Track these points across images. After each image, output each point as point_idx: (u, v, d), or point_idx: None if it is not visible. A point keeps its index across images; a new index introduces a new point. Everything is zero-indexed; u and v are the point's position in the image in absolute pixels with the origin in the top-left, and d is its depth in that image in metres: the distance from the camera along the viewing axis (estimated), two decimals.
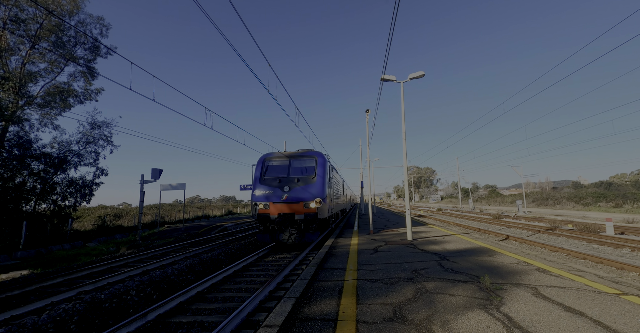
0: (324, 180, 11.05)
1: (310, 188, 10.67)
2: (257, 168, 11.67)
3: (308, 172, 11.25)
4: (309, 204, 10.39)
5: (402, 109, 10.80)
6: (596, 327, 3.19)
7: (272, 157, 11.89)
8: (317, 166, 11.39)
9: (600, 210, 36.01)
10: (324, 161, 11.63)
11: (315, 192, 10.61)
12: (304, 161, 11.58)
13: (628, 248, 11.40)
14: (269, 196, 10.61)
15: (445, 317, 3.48)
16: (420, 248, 8.50)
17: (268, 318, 3.51)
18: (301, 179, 10.96)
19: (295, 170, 11.35)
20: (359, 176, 26.26)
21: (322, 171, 11.22)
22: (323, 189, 10.81)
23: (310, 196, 10.47)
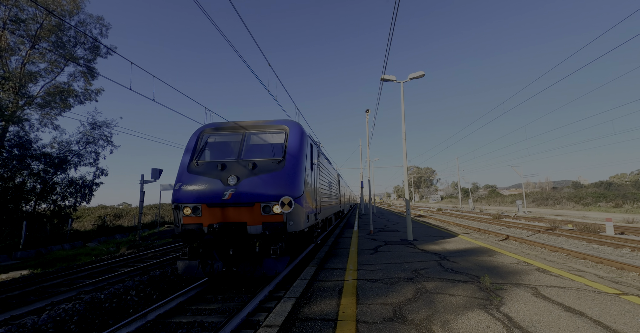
0: (299, 167, 6.33)
1: (276, 179, 6.02)
2: (188, 146, 6.90)
3: (273, 153, 6.57)
4: (271, 207, 5.81)
5: (402, 109, 10.80)
6: (596, 327, 3.19)
7: (214, 129, 7.16)
8: (290, 144, 6.56)
9: (600, 210, 36.01)
10: (301, 137, 6.77)
11: (284, 186, 5.94)
12: (267, 135, 6.90)
13: (628, 248, 11.39)
14: (202, 195, 5.96)
15: (445, 317, 3.48)
16: (420, 248, 8.50)
17: (268, 318, 3.51)
18: (260, 166, 6.19)
19: (252, 150, 6.67)
20: (359, 176, 26.29)
21: (297, 152, 6.49)
22: (297, 181, 6.16)
23: (274, 194, 5.84)
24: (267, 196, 5.76)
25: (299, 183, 6.14)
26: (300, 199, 6.04)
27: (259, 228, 5.76)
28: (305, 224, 6.39)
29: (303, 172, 6.37)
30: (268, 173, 6.02)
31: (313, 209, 7.29)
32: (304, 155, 6.61)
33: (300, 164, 6.36)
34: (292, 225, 5.81)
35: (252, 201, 5.76)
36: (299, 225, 5.99)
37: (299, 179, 6.17)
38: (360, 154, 19.76)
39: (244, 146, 6.65)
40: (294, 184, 6.00)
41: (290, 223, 5.80)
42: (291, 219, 5.81)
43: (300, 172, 6.25)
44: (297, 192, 5.97)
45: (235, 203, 5.78)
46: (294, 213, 5.83)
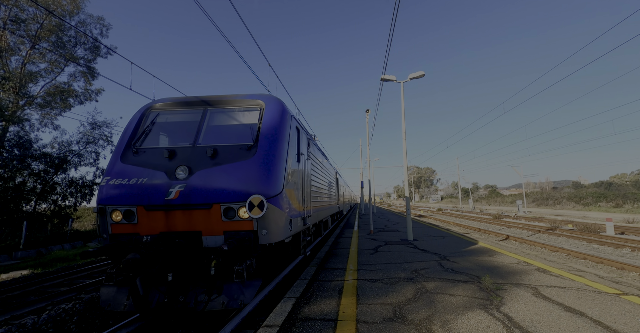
0: (278, 155, 4.79)
1: (244, 171, 4.48)
2: (126, 128, 5.34)
3: (241, 136, 4.97)
4: (236, 210, 4.32)
5: (402, 109, 10.80)
6: (596, 327, 3.19)
7: (165, 105, 5.56)
8: (265, 124, 5.03)
9: (600, 210, 35.99)
10: (281, 117, 5.23)
11: (255, 181, 4.42)
12: (236, 113, 5.36)
13: (628, 248, 11.39)
14: (138, 193, 4.44)
15: (446, 317, 3.48)
16: (421, 248, 8.50)
17: (268, 318, 3.51)
18: (223, 153, 4.70)
19: (214, 132, 5.12)
20: (359, 176, 26.32)
21: (275, 136, 4.94)
22: (274, 174, 4.61)
23: (240, 192, 4.34)
24: (231, 194, 4.19)
25: (277, 176, 4.53)
26: (278, 199, 4.43)
27: (218, 239, 4.16)
28: (287, 232, 4.75)
29: (283, 162, 4.76)
30: (233, 163, 4.42)
31: (300, 212, 5.69)
32: (284, 140, 4.94)
33: (279, 152, 4.72)
34: (266, 234, 4.25)
35: (209, 202, 4.17)
36: (277, 234, 4.40)
37: (277, 172, 4.55)
38: (360, 154, 19.77)
39: (204, 127, 5.02)
40: (268, 178, 4.40)
41: (264, 232, 4.22)
42: (265, 226, 4.24)
43: (278, 162, 4.64)
44: (272, 189, 4.39)
45: (185, 205, 4.17)
46: (269, 218, 4.27)
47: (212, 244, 4.21)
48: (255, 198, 4.16)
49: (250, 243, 4.22)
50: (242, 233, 4.25)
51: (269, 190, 4.38)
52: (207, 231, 4.25)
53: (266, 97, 5.44)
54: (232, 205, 4.24)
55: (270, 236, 4.36)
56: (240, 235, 4.25)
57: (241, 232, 4.25)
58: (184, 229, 4.26)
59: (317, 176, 8.40)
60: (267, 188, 4.37)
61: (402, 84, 10.72)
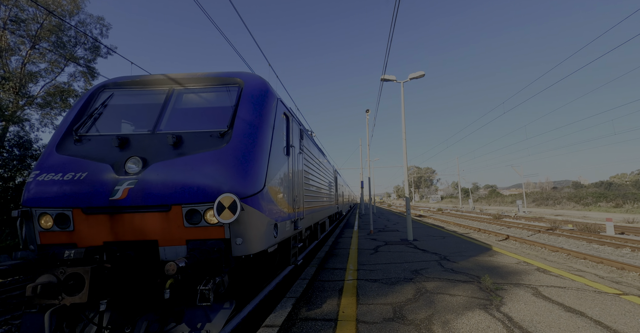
0: (259, 144, 3.90)
1: (214, 163, 3.57)
2: (70, 112, 4.45)
3: (213, 121, 4.09)
4: (202, 213, 3.41)
5: (402, 109, 10.80)
6: (596, 327, 3.19)
7: (120, 84, 4.70)
8: (243, 107, 4.12)
9: (600, 210, 36.00)
10: (264, 99, 4.37)
11: (227, 175, 3.52)
12: (208, 94, 4.57)
13: (628, 248, 11.39)
14: (75, 192, 3.49)
15: (446, 317, 3.49)
16: (421, 248, 8.50)
17: (268, 318, 3.51)
18: (189, 141, 3.81)
19: (180, 117, 4.25)
20: (359, 176, 26.35)
21: (255, 121, 4.05)
22: (253, 167, 3.72)
23: (207, 188, 3.42)
24: (196, 192, 3.36)
25: (256, 170, 3.65)
26: (258, 199, 3.59)
27: (180, 250, 3.35)
28: (270, 240, 3.88)
29: (265, 153, 3.89)
30: (200, 153, 3.57)
31: (289, 214, 4.85)
32: (267, 127, 4.06)
33: (260, 140, 3.85)
34: (242, 244, 3.39)
35: (167, 203, 3.33)
36: (256, 242, 3.55)
37: (256, 165, 3.67)
38: (360, 154, 19.77)
39: (168, 109, 4.12)
40: (244, 172, 3.53)
41: (238, 240, 3.37)
42: (240, 233, 3.39)
43: (258, 152, 3.76)
44: (250, 186, 3.52)
45: (136, 207, 3.34)
46: (246, 222, 3.40)
47: (172, 256, 3.33)
48: (226, 198, 3.19)
49: (221, 256, 3.29)
50: (210, 242, 3.34)
51: (246, 187, 3.47)
52: (165, 240, 3.35)
53: (246, 75, 4.48)
54: (198, 207, 3.32)
55: (248, 245, 3.42)
56: (207, 245, 3.33)
57: (209, 241, 3.34)
58: (135, 238, 3.37)
59: (312, 174, 7.54)
60: (243, 185, 3.46)
61: (402, 84, 10.72)
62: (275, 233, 4.12)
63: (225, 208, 3.21)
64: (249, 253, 3.47)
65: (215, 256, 3.29)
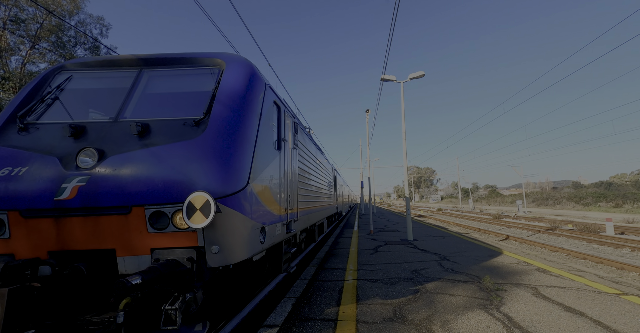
0: (240, 133, 3.32)
1: (185, 155, 3.00)
2: (17, 96, 3.79)
3: (186, 108, 3.49)
4: (169, 216, 2.82)
5: (402, 109, 10.81)
6: (596, 327, 3.19)
7: (82, 65, 4.08)
8: (224, 91, 3.51)
9: (600, 210, 36.02)
10: (249, 83, 3.76)
11: (202, 169, 2.94)
12: (182, 77, 3.91)
13: (628, 248, 11.40)
14: (11, 189, 2.84)
15: (446, 317, 3.49)
16: (421, 248, 8.50)
17: (269, 318, 3.51)
18: (157, 130, 3.22)
19: (149, 103, 3.64)
20: (359, 176, 26.37)
21: (238, 107, 3.45)
22: (232, 160, 3.12)
23: (175, 186, 2.84)
24: (162, 191, 2.82)
25: (237, 164, 3.13)
26: (240, 199, 3.05)
27: (144, 261, 2.81)
28: (255, 246, 3.33)
29: (250, 145, 3.36)
30: (170, 144, 3.05)
31: (280, 215, 4.31)
32: (252, 115, 3.54)
33: (243, 130, 3.34)
34: (219, 252, 2.85)
35: (126, 204, 2.80)
36: (237, 250, 3.00)
37: (239, 158, 3.16)
38: (360, 154, 19.79)
39: (135, 94, 3.58)
40: (223, 165, 3.02)
41: (214, 248, 2.83)
42: (217, 240, 2.85)
43: (241, 144, 3.24)
44: (230, 183, 3.00)
45: (87, 208, 2.79)
46: (224, 227, 2.88)
47: (134, 268, 2.78)
48: (198, 197, 2.63)
49: (192, 267, 2.76)
50: (180, 251, 2.81)
51: (224, 185, 2.93)
52: (124, 249, 2.81)
53: (228, 56, 3.93)
54: (164, 208, 2.78)
55: (226, 254, 2.87)
56: (176, 254, 2.80)
57: (179, 250, 2.81)
58: (88, 246, 2.80)
59: (308, 171, 6.98)
60: (221, 182, 2.92)
61: (402, 84, 10.73)
62: (262, 238, 3.56)
63: (197, 209, 2.63)
64: (227, 263, 2.91)
65: (185, 267, 2.73)
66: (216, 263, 2.85)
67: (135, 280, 2.22)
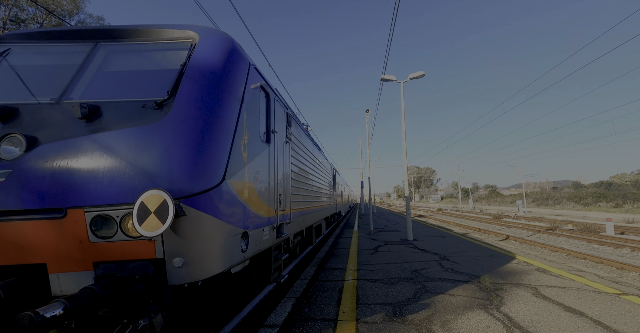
0: (213, 117, 2.73)
1: (139, 143, 2.43)
2: None
3: (147, 89, 2.87)
4: (117, 220, 2.26)
5: (402, 109, 10.81)
6: (596, 327, 3.20)
7: (24, 37, 3.37)
8: (194, 67, 2.88)
9: (600, 210, 36.03)
10: (226, 58, 3.12)
11: (161, 162, 2.39)
12: (146, 52, 3.27)
13: (628, 248, 11.40)
14: None
15: (446, 317, 3.49)
16: (421, 248, 8.51)
17: (269, 317, 3.51)
18: (109, 114, 2.61)
19: (103, 82, 3.01)
20: (359, 176, 26.40)
21: (209, 87, 2.83)
22: (202, 149, 2.55)
23: (129, 182, 2.30)
24: (108, 188, 2.31)
25: (210, 155, 2.60)
26: (212, 198, 2.53)
27: (84, 278, 2.27)
28: (234, 256, 2.81)
29: (227, 133, 2.83)
30: (122, 130, 2.52)
31: (270, 217, 3.87)
32: (231, 98, 3.01)
33: (218, 114, 2.79)
34: (184, 266, 2.33)
35: (60, 206, 2.27)
36: (208, 262, 2.47)
37: (211, 148, 2.63)
38: (360, 154, 19.80)
39: (87, 72, 3.00)
40: (190, 156, 2.49)
41: (177, 262, 2.31)
42: (181, 250, 2.34)
43: (214, 130, 2.70)
44: (199, 178, 2.47)
45: (7, 211, 2.27)
46: (190, 233, 2.36)
47: (71, 288, 2.22)
48: (152, 197, 2.13)
49: (147, 286, 2.23)
50: (133, 265, 2.27)
51: (190, 181, 2.39)
52: (58, 263, 2.24)
53: (203, 29, 3.33)
54: (110, 211, 2.25)
55: (193, 268, 2.35)
56: (128, 269, 2.26)
57: (130, 264, 2.27)
58: (9, 261, 2.24)
59: (303, 169, 6.43)
60: (186, 177, 2.39)
61: (402, 84, 10.73)
62: (244, 246, 3.04)
63: (151, 212, 2.11)
64: (194, 279, 2.36)
65: (137, 287, 2.20)
66: (179, 279, 2.32)
67: (52, 311, 1.66)
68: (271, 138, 4.13)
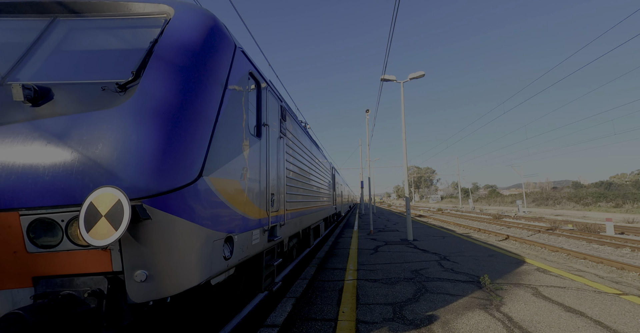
0: (187, 101, 2.32)
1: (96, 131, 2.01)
2: None
3: (111, 69, 2.47)
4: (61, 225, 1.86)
5: (402, 109, 10.81)
6: (596, 327, 3.20)
7: None
8: (163, 46, 2.47)
9: (600, 210, 36.03)
10: (205, 36, 2.72)
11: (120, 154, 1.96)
12: (112, 29, 2.80)
13: (628, 248, 11.40)
14: None
15: (446, 317, 3.49)
16: (421, 247, 8.51)
17: (269, 317, 3.51)
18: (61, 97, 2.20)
19: (57, 61, 2.54)
20: (359, 176, 26.42)
21: (183, 67, 2.43)
22: (172, 138, 2.12)
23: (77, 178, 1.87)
24: (50, 186, 1.89)
25: (183, 145, 2.20)
26: (184, 198, 2.13)
27: (20, 297, 1.86)
28: (215, 265, 2.43)
29: (206, 122, 2.46)
30: (74, 115, 2.11)
31: (260, 219, 3.54)
32: (212, 82, 2.64)
33: (194, 98, 2.42)
34: (148, 280, 1.92)
35: None
36: (180, 274, 2.07)
37: (184, 136, 2.23)
38: (360, 154, 19.79)
39: (39, 50, 2.61)
40: (156, 146, 2.07)
41: (139, 275, 1.90)
42: (144, 261, 1.92)
43: (189, 116, 2.33)
44: (167, 173, 2.06)
45: None
46: (155, 241, 1.94)
47: (4, 310, 1.84)
48: (103, 197, 1.77)
49: (99, 307, 1.89)
50: (82, 280, 1.92)
51: (156, 177, 2.00)
52: None
53: (179, 4, 2.93)
54: (53, 213, 1.87)
55: (160, 282, 1.97)
56: (77, 285, 1.92)
57: (80, 279, 1.92)
58: None
59: (300, 167, 6.07)
60: (150, 172, 1.99)
61: (402, 84, 10.73)
62: (228, 252, 2.67)
63: (102, 216, 1.75)
64: (162, 295, 1.97)
65: (87, 307, 1.85)
66: (142, 296, 1.92)
67: None
68: (263, 132, 3.77)
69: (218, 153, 2.56)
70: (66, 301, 1.78)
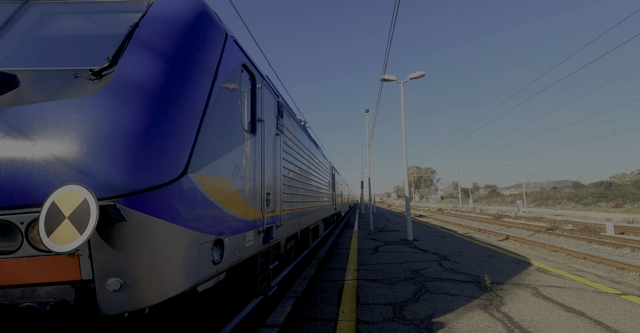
0: (170, 91, 2.13)
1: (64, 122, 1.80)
2: None
3: (86, 56, 2.27)
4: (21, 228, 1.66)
5: (402, 109, 10.81)
6: (596, 327, 3.20)
7: None
8: (143, 30, 2.30)
9: (600, 210, 36.03)
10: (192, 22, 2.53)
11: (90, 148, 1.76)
12: (89, 14, 2.61)
13: (628, 248, 11.40)
14: None
15: (446, 317, 3.49)
16: (421, 248, 8.51)
17: (269, 317, 3.51)
18: (29, 84, 2.03)
19: (27, 47, 2.36)
20: (359, 176, 26.43)
21: (166, 53, 2.24)
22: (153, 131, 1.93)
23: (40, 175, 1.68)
24: (8, 183, 1.69)
25: (164, 138, 1.99)
26: (166, 197, 1.91)
27: None
28: (202, 270, 2.23)
29: (192, 114, 2.27)
30: (39, 104, 1.90)
31: (255, 220, 3.35)
32: (200, 71, 2.47)
33: (178, 87, 2.22)
34: (122, 290, 1.73)
35: None
36: (161, 282, 1.85)
37: (165, 129, 2.02)
38: (360, 154, 19.77)
39: (7, 35, 2.45)
40: (133, 139, 1.86)
41: (112, 283, 1.71)
42: (118, 268, 1.73)
43: (172, 107, 2.11)
44: (144, 169, 1.85)
45: None
46: (131, 246, 1.75)
47: None
48: (67, 196, 1.60)
49: (65, 321, 1.68)
50: (46, 291, 1.72)
51: (132, 174, 1.82)
52: None
53: None
54: (10, 215, 1.69)
55: (138, 291, 1.78)
56: (39, 296, 1.71)
57: (43, 289, 1.72)
58: None
59: (298, 166, 5.91)
60: (126, 168, 1.81)
61: (402, 84, 10.73)
62: (218, 256, 2.48)
63: (65, 217, 1.57)
64: (138, 306, 1.79)
65: (51, 321, 1.64)
66: (116, 307, 1.73)
67: None
68: (257, 128, 3.58)
69: (206, 148, 2.38)
70: (25, 314, 1.58)
